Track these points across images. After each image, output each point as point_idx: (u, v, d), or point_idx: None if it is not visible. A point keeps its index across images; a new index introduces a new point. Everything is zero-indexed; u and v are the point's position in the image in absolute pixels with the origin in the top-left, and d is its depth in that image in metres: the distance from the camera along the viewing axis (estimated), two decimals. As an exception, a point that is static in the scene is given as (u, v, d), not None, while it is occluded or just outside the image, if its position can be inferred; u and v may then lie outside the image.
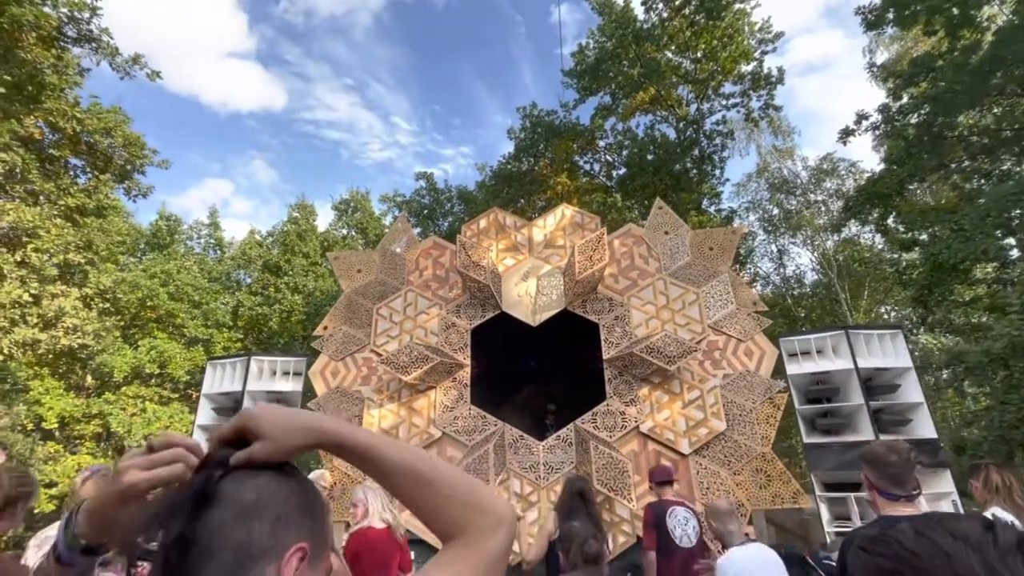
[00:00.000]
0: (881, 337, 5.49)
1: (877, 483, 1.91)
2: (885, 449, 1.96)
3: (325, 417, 0.69)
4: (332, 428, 0.66)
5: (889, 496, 1.88)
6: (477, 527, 0.63)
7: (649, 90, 17.39)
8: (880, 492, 1.91)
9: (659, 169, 16.38)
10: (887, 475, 1.89)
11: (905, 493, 1.86)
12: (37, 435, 11.57)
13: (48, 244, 7.40)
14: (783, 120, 21.26)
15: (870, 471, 1.95)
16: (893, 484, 1.88)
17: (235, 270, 20.77)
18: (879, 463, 1.92)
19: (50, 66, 7.47)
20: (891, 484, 1.88)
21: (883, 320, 20.70)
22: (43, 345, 7.49)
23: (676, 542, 3.28)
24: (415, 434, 5.95)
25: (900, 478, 1.88)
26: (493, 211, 7.28)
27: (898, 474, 1.88)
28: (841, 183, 20.72)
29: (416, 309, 6.66)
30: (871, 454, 1.98)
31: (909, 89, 10.14)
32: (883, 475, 1.90)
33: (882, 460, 1.92)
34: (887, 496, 1.89)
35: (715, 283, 6.21)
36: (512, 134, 18.82)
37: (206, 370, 6.66)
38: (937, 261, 8.36)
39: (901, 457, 1.91)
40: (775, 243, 22.76)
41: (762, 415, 5.55)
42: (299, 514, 0.63)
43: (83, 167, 9.47)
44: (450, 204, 20.55)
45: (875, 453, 1.96)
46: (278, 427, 0.63)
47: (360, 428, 0.69)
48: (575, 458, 5.57)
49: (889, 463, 1.90)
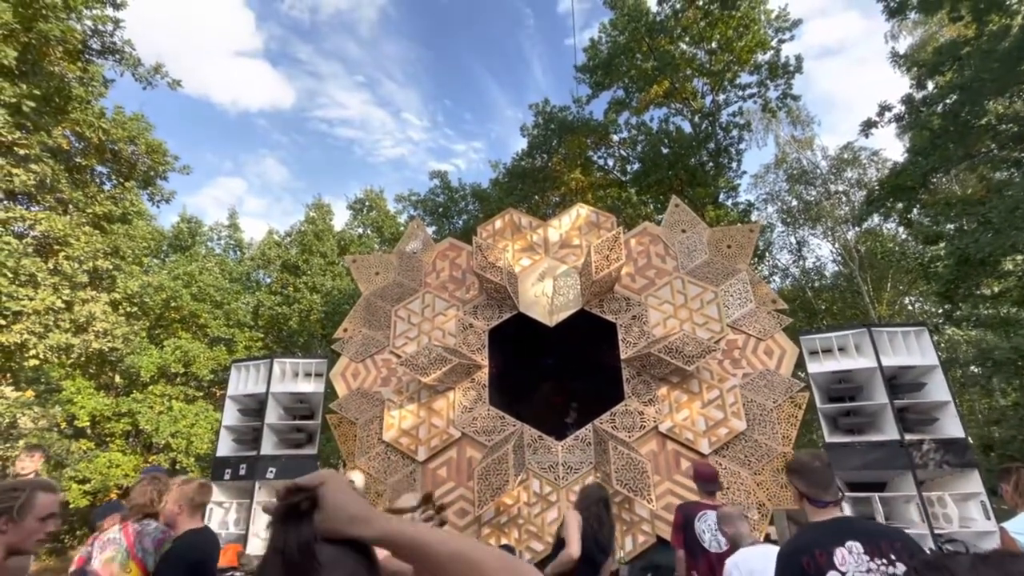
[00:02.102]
0: (906, 335, 5.38)
1: (807, 491, 2.01)
2: (809, 457, 2.07)
3: (379, 514, 0.73)
4: (380, 525, 0.70)
5: (818, 503, 1.98)
6: None
7: (663, 83, 17.18)
8: (810, 500, 2.00)
9: (675, 163, 16.19)
10: (814, 482, 1.99)
11: (832, 498, 1.97)
12: (69, 432, 11.99)
13: (79, 251, 7.65)
14: (801, 109, 20.84)
15: (799, 481, 2.04)
16: (821, 491, 1.98)
17: (255, 270, 21.16)
18: (806, 471, 2.02)
19: (76, 78, 7.70)
20: (820, 491, 1.98)
21: (907, 312, 20.25)
22: (76, 349, 7.76)
23: (705, 546, 3.28)
24: (434, 435, 6.04)
25: (826, 484, 1.99)
26: (508, 212, 7.31)
27: (823, 480, 1.99)
28: (863, 172, 20.26)
29: (433, 311, 6.73)
30: (798, 464, 2.08)
31: (934, 78, 9.84)
32: (811, 483, 1.99)
33: (808, 468, 2.03)
34: (816, 503, 1.98)
35: (733, 281, 6.16)
36: (525, 131, 18.79)
37: (231, 372, 6.82)
38: (964, 255, 8.13)
39: (823, 463, 2.03)
40: (794, 235, 22.38)
41: (783, 414, 5.51)
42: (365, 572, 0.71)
43: (108, 174, 9.74)
44: (464, 202, 20.61)
45: (801, 463, 2.06)
46: (332, 506, 0.70)
47: (408, 524, 0.73)
48: (594, 458, 5.60)
49: (814, 470, 2.01)
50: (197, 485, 2.62)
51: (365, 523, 0.70)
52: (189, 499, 2.55)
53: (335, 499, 0.70)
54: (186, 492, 2.56)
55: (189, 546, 2.46)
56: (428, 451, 5.96)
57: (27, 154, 7.16)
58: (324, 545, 0.68)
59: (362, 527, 0.70)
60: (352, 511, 0.70)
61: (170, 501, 2.58)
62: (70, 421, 11.95)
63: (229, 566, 5.18)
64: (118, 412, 13.00)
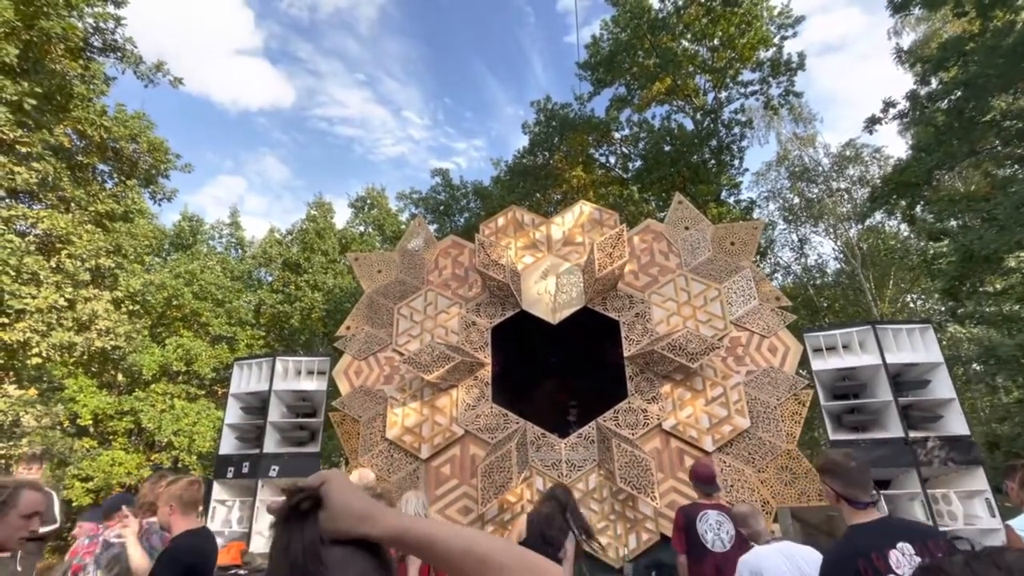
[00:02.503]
0: (910, 332, 5.36)
1: (844, 492, 1.93)
2: (843, 457, 1.99)
3: (386, 511, 0.70)
4: (388, 523, 0.68)
5: (858, 504, 1.91)
6: None
7: (665, 80, 17.14)
8: (848, 501, 1.93)
9: (676, 161, 16.16)
10: (852, 482, 1.92)
11: (871, 499, 1.91)
12: (72, 430, 12.01)
13: (81, 249, 7.64)
14: (803, 106, 20.78)
15: (835, 481, 1.97)
16: (860, 491, 1.91)
17: (256, 269, 21.17)
18: (842, 472, 1.95)
19: (77, 76, 7.68)
20: (858, 491, 1.91)
21: (909, 310, 20.21)
22: (78, 348, 7.76)
23: (708, 546, 3.26)
24: (437, 432, 6.03)
25: (864, 484, 1.92)
26: (511, 209, 7.29)
27: (861, 480, 1.92)
28: (865, 169, 20.21)
29: (436, 308, 6.72)
30: (832, 464, 2.00)
31: (939, 74, 9.78)
32: (848, 483, 1.93)
33: (844, 468, 1.95)
34: (856, 504, 1.91)
35: (737, 278, 6.13)
36: (527, 128, 18.75)
37: (233, 370, 6.82)
38: (968, 251, 8.09)
39: (859, 463, 1.96)
40: (796, 232, 22.34)
41: (787, 412, 5.50)
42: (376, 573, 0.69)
43: (110, 172, 9.73)
44: (466, 200, 20.58)
45: (836, 463, 1.99)
46: (336, 505, 0.68)
47: (417, 520, 0.71)
48: (597, 455, 5.59)
49: (851, 470, 1.94)
50: (185, 483, 2.54)
51: (371, 521, 0.68)
52: (178, 498, 2.48)
53: (340, 498, 0.68)
54: (173, 492, 2.49)
55: (183, 548, 2.38)
56: (431, 449, 5.96)
57: (29, 152, 7.16)
58: (331, 547, 0.67)
59: (369, 525, 0.68)
60: (358, 509, 0.68)
61: (161, 504, 2.52)
62: (73, 419, 11.97)
63: (232, 564, 5.19)
64: (120, 410, 13.03)
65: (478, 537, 0.68)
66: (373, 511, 0.69)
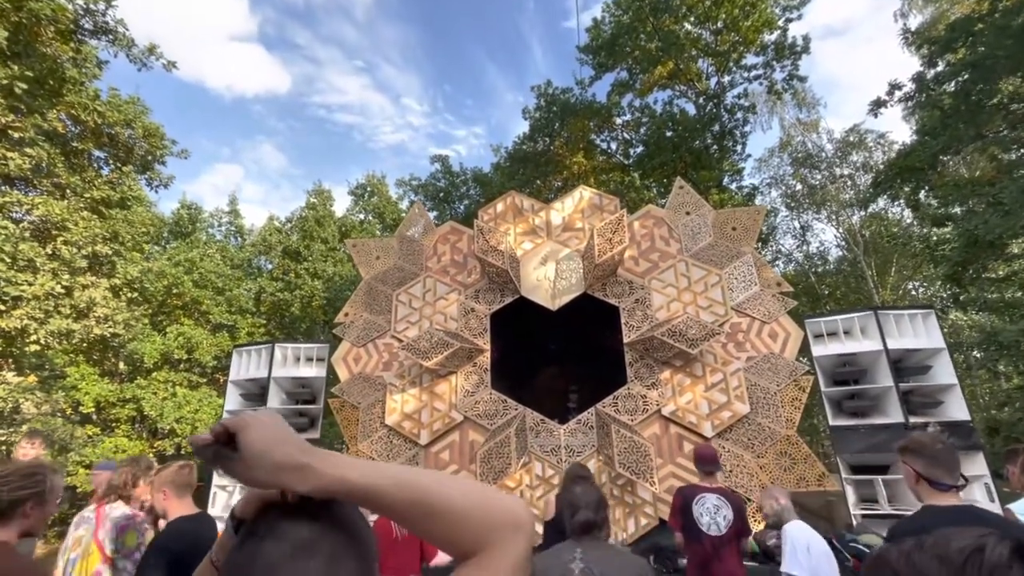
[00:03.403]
0: (912, 317, 5.32)
1: (927, 473, 1.87)
2: (929, 439, 1.93)
3: (321, 458, 0.59)
4: (317, 475, 0.57)
5: (940, 486, 1.84)
6: (493, 543, 0.59)
7: (668, 64, 16.88)
8: (931, 482, 1.86)
9: (678, 146, 15.98)
10: (939, 464, 1.85)
11: (955, 483, 1.84)
12: (76, 419, 12.08)
13: (77, 236, 7.58)
14: (807, 91, 20.51)
15: (918, 461, 1.90)
16: (945, 473, 1.84)
17: (256, 256, 21.11)
18: (926, 451, 1.89)
19: (69, 59, 7.55)
20: (943, 474, 1.84)
21: (911, 297, 20.14)
22: (77, 335, 7.74)
23: (703, 529, 3.27)
24: (437, 418, 6.03)
25: (951, 467, 1.85)
26: (510, 195, 7.21)
27: (949, 462, 1.86)
28: (869, 155, 20.01)
29: (435, 295, 6.68)
30: (918, 444, 1.93)
31: (946, 56, 9.59)
32: (934, 464, 1.86)
33: (929, 448, 1.89)
34: (938, 486, 1.85)
35: (738, 264, 6.08)
36: (527, 113, 18.53)
37: (232, 357, 6.81)
38: (973, 237, 8.00)
39: (948, 445, 1.89)
40: (798, 219, 22.21)
41: (787, 398, 5.48)
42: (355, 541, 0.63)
43: (106, 159, 9.64)
44: (466, 187, 20.44)
45: (921, 443, 1.93)
46: (255, 454, 0.57)
47: (354, 466, 0.60)
48: (596, 441, 5.59)
49: (937, 451, 1.87)
50: (176, 467, 2.50)
51: (296, 472, 0.56)
52: (171, 482, 2.43)
53: (255, 447, 0.56)
54: (165, 477, 2.45)
55: (175, 535, 2.29)
56: (430, 435, 5.96)
57: (22, 137, 7.07)
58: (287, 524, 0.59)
59: (293, 478, 0.57)
60: (278, 458, 0.56)
61: (154, 491, 2.47)
62: (75, 407, 12.03)
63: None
64: (122, 398, 13.08)
65: (430, 486, 0.60)
66: (299, 460, 0.57)
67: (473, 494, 0.61)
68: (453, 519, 0.59)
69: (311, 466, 0.57)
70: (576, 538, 2.03)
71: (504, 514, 0.61)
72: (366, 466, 0.60)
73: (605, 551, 1.98)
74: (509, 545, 0.59)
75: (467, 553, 0.60)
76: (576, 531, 2.04)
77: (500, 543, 0.59)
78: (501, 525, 0.60)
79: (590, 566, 1.87)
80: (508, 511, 0.61)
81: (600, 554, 1.94)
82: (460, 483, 0.63)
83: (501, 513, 0.60)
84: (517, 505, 0.63)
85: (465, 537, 0.59)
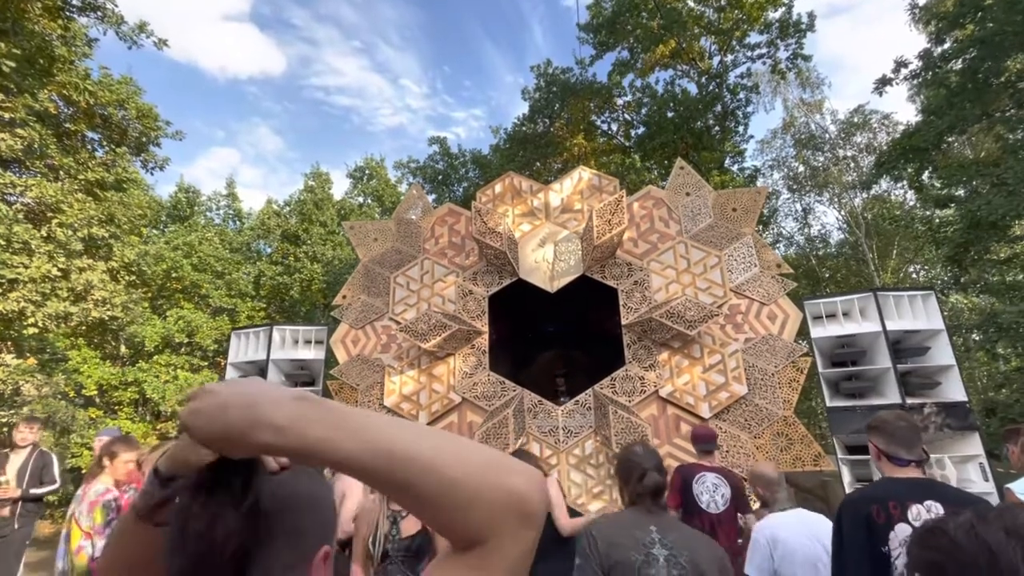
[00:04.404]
0: (912, 299, 5.30)
1: (886, 449, 1.96)
2: (893, 417, 2.01)
3: (268, 407, 0.49)
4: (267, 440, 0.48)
5: (898, 461, 1.93)
6: (492, 535, 0.50)
7: (670, 43, 16.55)
8: (890, 458, 1.95)
9: (680, 127, 15.77)
10: (897, 440, 1.93)
11: (914, 458, 1.92)
12: (79, 402, 12.17)
13: (72, 218, 7.52)
14: (811, 71, 20.17)
15: (879, 438, 1.99)
16: (903, 449, 1.92)
17: (255, 240, 21.01)
18: (888, 429, 1.97)
19: (58, 37, 7.40)
20: (900, 449, 1.93)
21: (911, 280, 20.11)
22: (75, 318, 7.74)
23: (703, 507, 3.30)
24: (435, 400, 6.05)
25: (909, 443, 1.93)
26: (508, 176, 7.13)
27: (907, 439, 1.93)
28: (873, 136, 19.77)
29: (433, 277, 6.65)
30: (880, 421, 2.02)
31: (953, 32, 9.38)
32: (892, 441, 1.94)
33: (891, 426, 1.97)
34: (896, 461, 1.93)
35: (738, 245, 6.03)
36: (526, 94, 18.24)
37: (231, 340, 6.82)
38: (975, 218, 7.93)
39: (909, 423, 1.97)
40: (800, 202, 22.05)
41: (784, 379, 5.48)
42: (316, 515, 0.61)
43: (100, 140, 9.51)
44: (464, 169, 20.24)
45: (884, 420, 2.01)
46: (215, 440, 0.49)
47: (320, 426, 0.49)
48: (594, 422, 5.62)
49: (898, 428, 1.95)
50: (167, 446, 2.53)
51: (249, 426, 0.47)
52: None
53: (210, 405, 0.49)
54: (158, 456, 2.48)
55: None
56: (429, 416, 5.99)
57: (12, 118, 6.97)
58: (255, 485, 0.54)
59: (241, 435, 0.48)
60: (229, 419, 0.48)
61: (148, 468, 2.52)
62: (78, 390, 12.10)
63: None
64: (124, 381, 13.15)
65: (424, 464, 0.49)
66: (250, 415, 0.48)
67: (474, 472, 0.50)
68: (449, 512, 0.49)
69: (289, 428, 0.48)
70: (646, 508, 1.80)
71: (510, 500, 0.50)
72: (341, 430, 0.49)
73: (682, 531, 1.77)
74: (508, 541, 0.50)
75: (461, 543, 0.51)
76: (646, 497, 1.81)
77: (499, 537, 0.49)
78: (504, 515, 0.49)
79: (674, 552, 1.65)
80: (515, 495, 0.50)
81: (679, 536, 1.72)
82: (462, 455, 0.51)
83: (507, 499, 0.50)
84: (529, 486, 0.51)
85: (461, 531, 0.50)
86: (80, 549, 2.70)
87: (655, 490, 1.82)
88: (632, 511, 1.84)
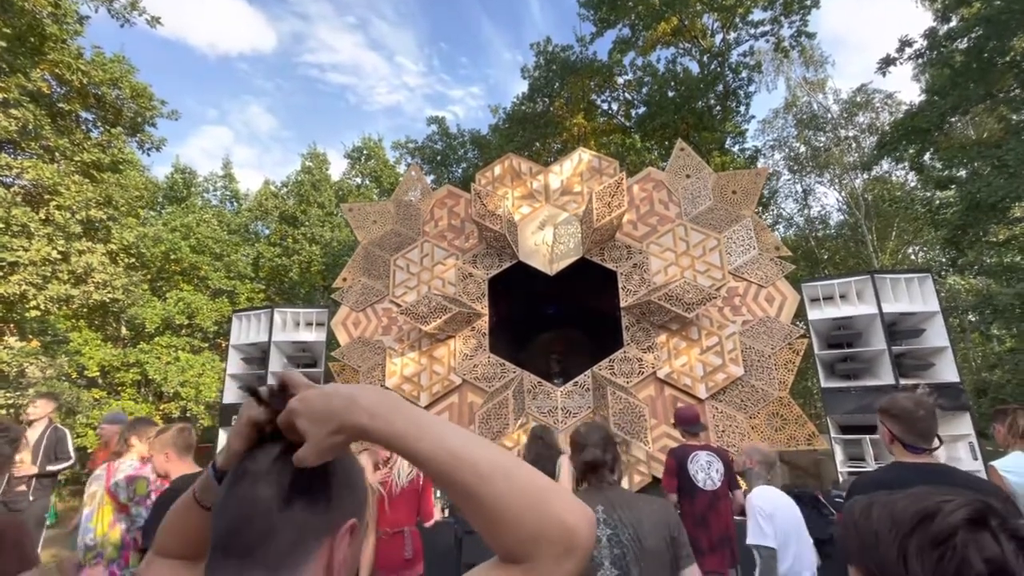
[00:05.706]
0: (908, 281, 5.34)
1: (903, 437, 1.86)
2: (912, 404, 1.88)
3: (363, 398, 0.58)
4: (363, 423, 0.57)
5: (915, 450, 1.85)
6: (535, 559, 0.52)
7: (672, 20, 16.23)
8: (906, 446, 1.86)
9: (680, 107, 15.59)
10: (916, 431, 1.84)
11: (929, 447, 1.84)
12: (82, 383, 12.28)
13: (69, 201, 7.48)
14: (815, 49, 19.83)
15: (896, 426, 1.88)
16: (920, 439, 1.84)
17: (253, 222, 20.91)
18: (907, 418, 1.86)
19: (49, 15, 7.25)
20: (918, 439, 1.84)
21: (910, 262, 20.14)
22: (76, 300, 7.77)
23: (700, 485, 3.39)
24: (436, 381, 6.13)
25: (928, 433, 1.84)
26: (508, 157, 7.09)
27: (926, 429, 1.84)
28: (875, 116, 19.55)
29: (433, 260, 6.67)
30: (898, 409, 1.89)
31: (960, 10, 9.22)
32: (911, 430, 1.84)
33: (911, 415, 1.85)
34: (912, 449, 1.85)
35: (737, 228, 6.04)
36: (526, 72, 17.96)
37: (232, 322, 6.87)
38: (975, 199, 7.92)
39: (927, 411, 1.85)
40: (800, 183, 21.93)
41: (780, 360, 5.56)
42: (347, 490, 0.64)
43: (94, 121, 9.39)
44: (463, 150, 20.04)
45: (902, 407, 1.88)
46: (316, 423, 0.58)
47: (402, 418, 0.57)
48: (592, 403, 5.71)
49: (917, 418, 1.84)
50: (175, 430, 2.58)
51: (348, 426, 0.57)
52: (172, 444, 2.52)
53: (313, 413, 0.58)
54: (166, 439, 2.54)
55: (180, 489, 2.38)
56: (430, 397, 6.08)
57: (6, 98, 6.87)
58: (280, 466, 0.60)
59: (344, 427, 0.57)
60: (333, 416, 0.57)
61: (155, 453, 2.56)
62: (81, 372, 12.19)
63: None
64: (127, 363, 13.25)
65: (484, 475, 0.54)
66: (344, 415, 0.57)
67: (529, 496, 0.53)
68: (499, 523, 0.53)
69: (359, 418, 0.57)
70: (596, 486, 1.81)
71: (558, 531, 0.52)
72: (424, 428, 0.57)
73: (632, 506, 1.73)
74: (550, 566, 0.52)
75: (505, 556, 0.54)
76: (588, 473, 1.82)
77: (543, 560, 0.52)
78: (550, 543, 0.52)
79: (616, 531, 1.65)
80: (564, 528, 0.52)
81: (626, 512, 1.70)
82: (520, 478, 0.55)
83: (558, 529, 0.52)
84: (578, 522, 0.53)
85: (507, 544, 0.54)
86: (115, 523, 2.78)
87: (592, 465, 1.81)
88: (584, 491, 1.83)
